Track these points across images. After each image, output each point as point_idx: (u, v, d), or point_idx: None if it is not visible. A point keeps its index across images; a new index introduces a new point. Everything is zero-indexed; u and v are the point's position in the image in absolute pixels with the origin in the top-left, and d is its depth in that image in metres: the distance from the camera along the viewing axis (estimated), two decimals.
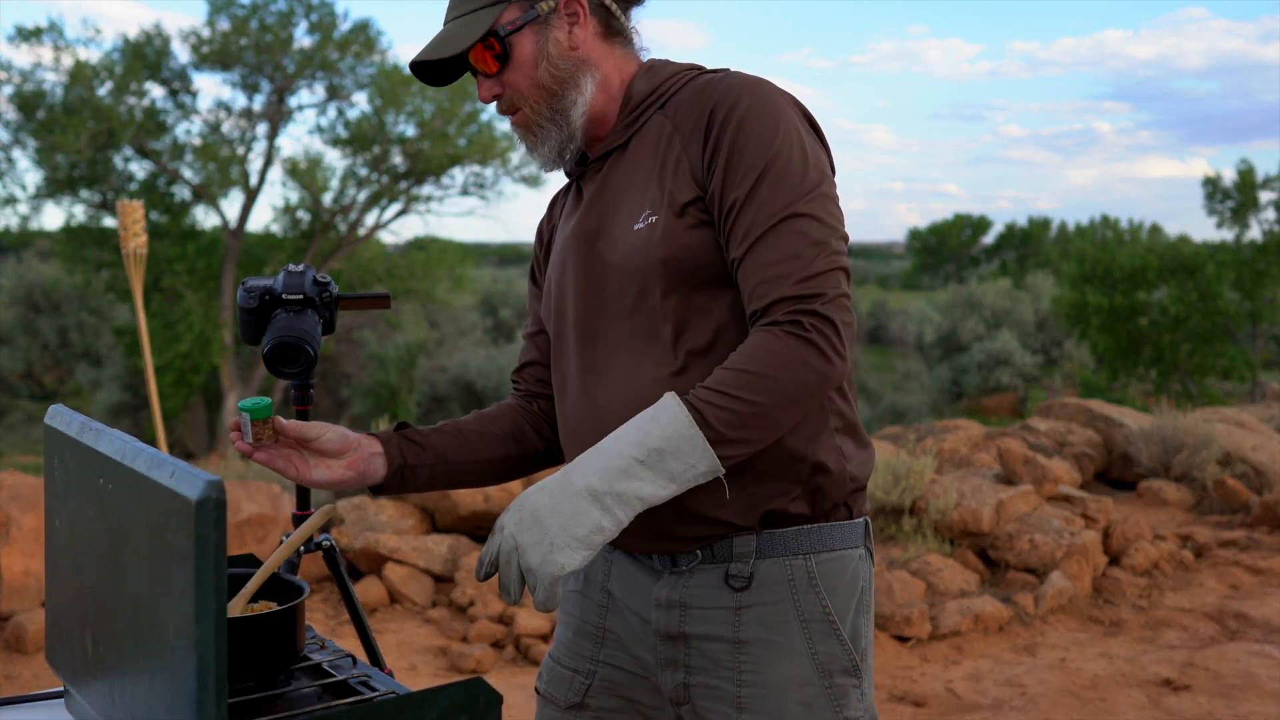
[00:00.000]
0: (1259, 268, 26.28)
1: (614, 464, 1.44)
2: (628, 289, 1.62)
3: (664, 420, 1.45)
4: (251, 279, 2.32)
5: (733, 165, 1.55)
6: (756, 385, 1.45)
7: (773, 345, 1.47)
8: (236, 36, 22.89)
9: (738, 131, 1.55)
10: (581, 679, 1.75)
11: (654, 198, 1.61)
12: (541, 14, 1.64)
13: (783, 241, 1.50)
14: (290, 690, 1.47)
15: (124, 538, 1.26)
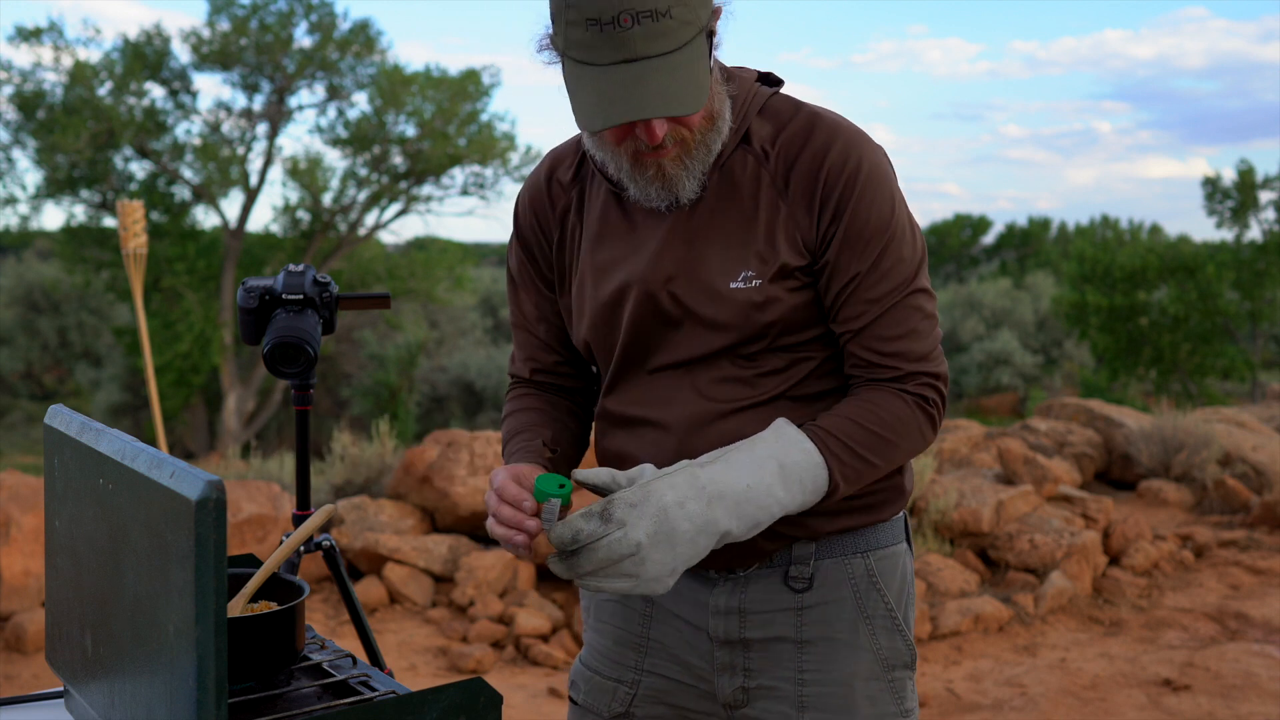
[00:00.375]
0: (1259, 268, 26.27)
1: (758, 519, 1.44)
2: (714, 340, 1.57)
3: (810, 489, 1.47)
4: (251, 279, 2.32)
5: (852, 239, 1.52)
6: (884, 450, 1.53)
7: (903, 414, 1.54)
8: (236, 36, 22.88)
9: (858, 204, 1.51)
10: (625, 688, 1.72)
11: (755, 258, 1.54)
12: (714, 33, 1.50)
13: (905, 316, 1.55)
14: (290, 690, 1.47)
15: (124, 538, 1.26)
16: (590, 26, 1.41)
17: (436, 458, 5.67)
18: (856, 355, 1.56)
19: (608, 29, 1.40)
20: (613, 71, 1.41)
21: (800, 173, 1.53)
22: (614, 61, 1.41)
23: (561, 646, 4.88)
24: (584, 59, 1.43)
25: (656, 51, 1.41)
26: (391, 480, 5.84)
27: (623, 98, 1.41)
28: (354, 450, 6.33)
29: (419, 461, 5.68)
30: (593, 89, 1.43)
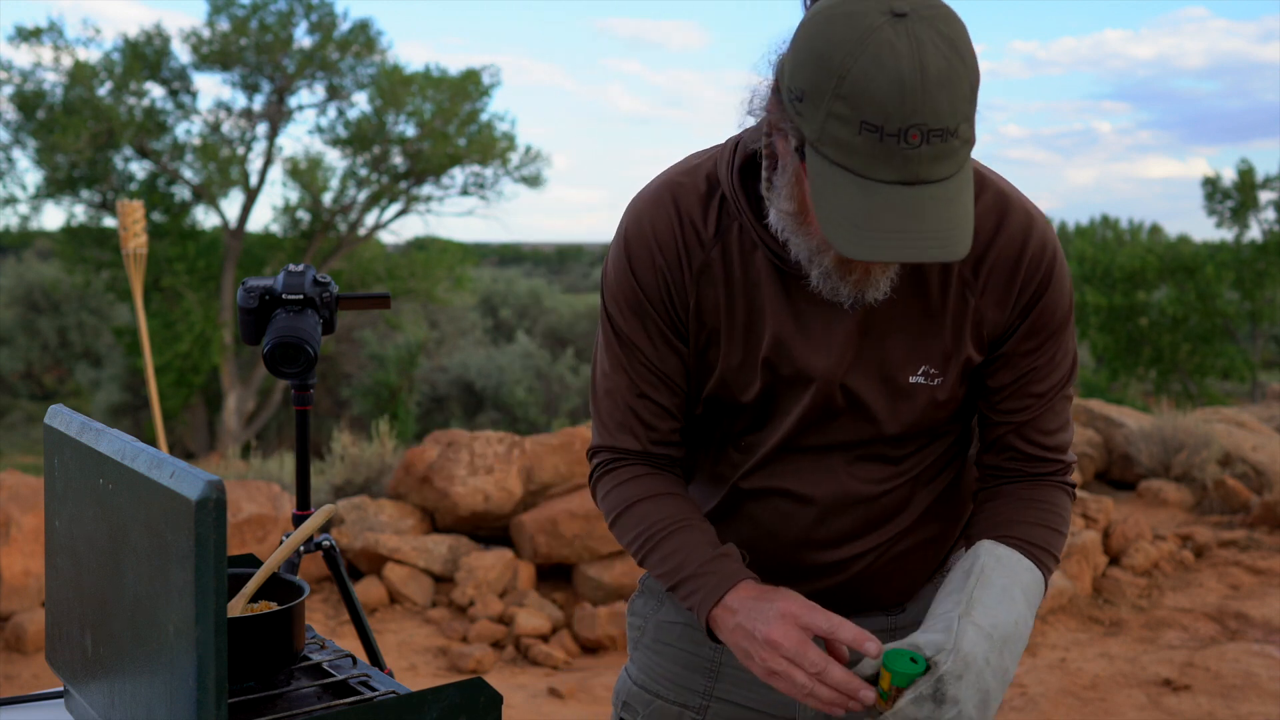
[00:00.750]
0: (1259, 268, 26.28)
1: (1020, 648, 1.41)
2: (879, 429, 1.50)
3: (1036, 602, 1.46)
4: (251, 279, 2.32)
5: (1036, 332, 1.47)
6: (1060, 544, 1.53)
7: (1068, 506, 1.54)
8: (236, 36, 22.88)
9: (1049, 297, 1.45)
10: (691, 714, 1.65)
11: (939, 354, 1.46)
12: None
13: (1063, 408, 1.53)
14: (290, 690, 1.47)
15: (124, 538, 1.26)
16: (867, 131, 1.19)
17: (436, 458, 5.67)
18: (1015, 448, 1.52)
19: (889, 141, 1.18)
20: (884, 192, 1.20)
21: (994, 265, 1.43)
22: (888, 180, 1.20)
23: (561, 646, 4.88)
24: (848, 166, 1.21)
25: (938, 176, 1.21)
26: (391, 480, 5.84)
27: (896, 229, 1.20)
28: (354, 450, 6.33)
29: (419, 461, 5.68)
30: (856, 207, 1.21)
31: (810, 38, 1.23)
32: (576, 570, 5.40)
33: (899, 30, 1.19)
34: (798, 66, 1.24)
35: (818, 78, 1.21)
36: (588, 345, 25.82)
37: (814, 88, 1.21)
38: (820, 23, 1.23)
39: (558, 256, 60.03)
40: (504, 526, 5.66)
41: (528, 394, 21.99)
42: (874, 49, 1.18)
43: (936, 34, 1.20)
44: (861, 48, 1.19)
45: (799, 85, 1.24)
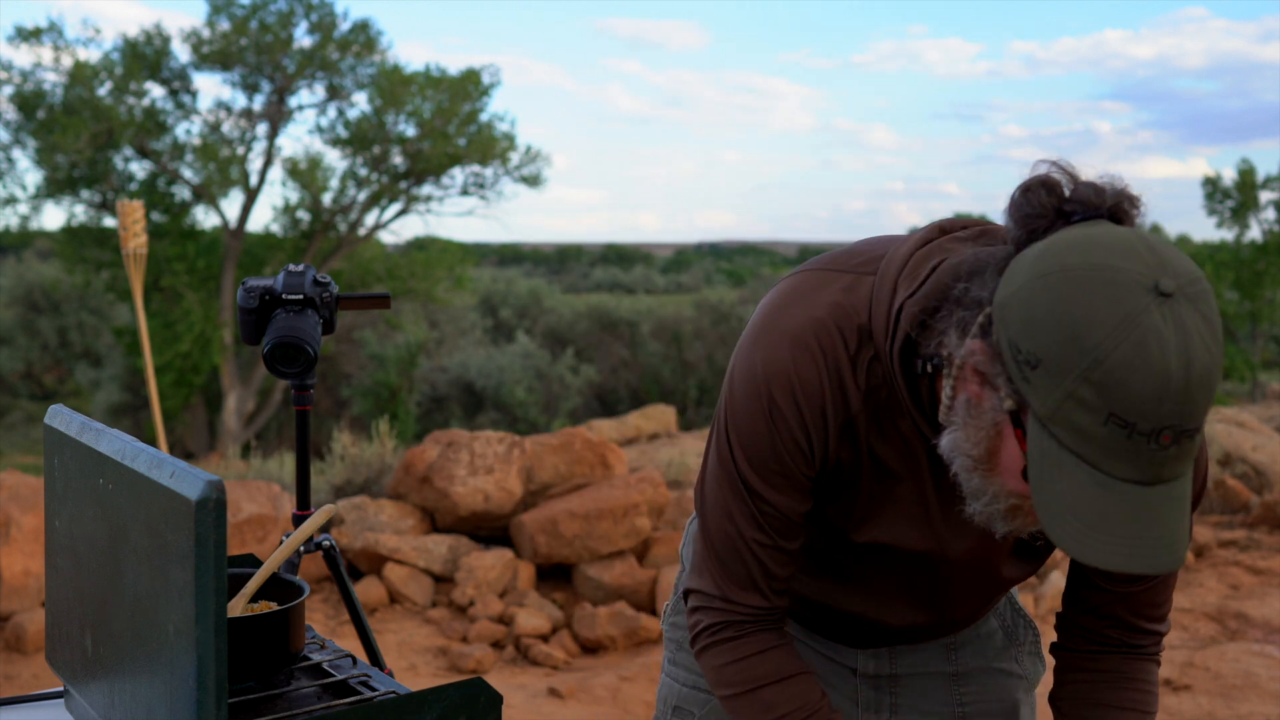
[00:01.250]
0: (1258, 268, 26.29)
1: None
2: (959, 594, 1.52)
3: None
4: (251, 279, 2.32)
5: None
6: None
7: (1157, 679, 1.51)
8: (236, 36, 22.87)
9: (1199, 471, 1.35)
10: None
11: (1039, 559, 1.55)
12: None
13: (1168, 581, 1.47)
14: (290, 690, 1.47)
15: (124, 538, 1.26)
16: (1114, 425, 1.06)
17: (436, 458, 5.67)
18: (1118, 618, 1.48)
19: (1138, 439, 1.07)
20: (1120, 490, 1.09)
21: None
22: (1126, 478, 1.09)
23: (561, 646, 4.88)
24: (1081, 453, 1.09)
25: (1176, 475, 1.11)
26: (391, 480, 5.84)
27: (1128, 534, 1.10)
28: (354, 450, 6.33)
29: (419, 461, 5.68)
30: (1087, 502, 1.10)
31: (1057, 302, 1.08)
32: (576, 570, 5.40)
33: (1166, 315, 1.05)
34: (1033, 328, 1.09)
35: (1064, 353, 1.07)
36: (587, 345, 25.84)
37: (1056, 362, 1.07)
38: (1071, 287, 1.08)
39: (558, 256, 60.03)
40: (504, 526, 5.66)
41: (528, 394, 21.99)
42: (1139, 337, 1.05)
43: (1201, 319, 1.07)
44: (1124, 333, 1.05)
45: (1033, 351, 1.09)
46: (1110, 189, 1.15)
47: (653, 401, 18.27)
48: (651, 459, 7.58)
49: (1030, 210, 1.16)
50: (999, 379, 1.14)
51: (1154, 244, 1.10)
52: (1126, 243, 1.10)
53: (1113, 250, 1.09)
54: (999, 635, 1.63)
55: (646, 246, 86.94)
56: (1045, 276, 1.10)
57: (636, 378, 26.41)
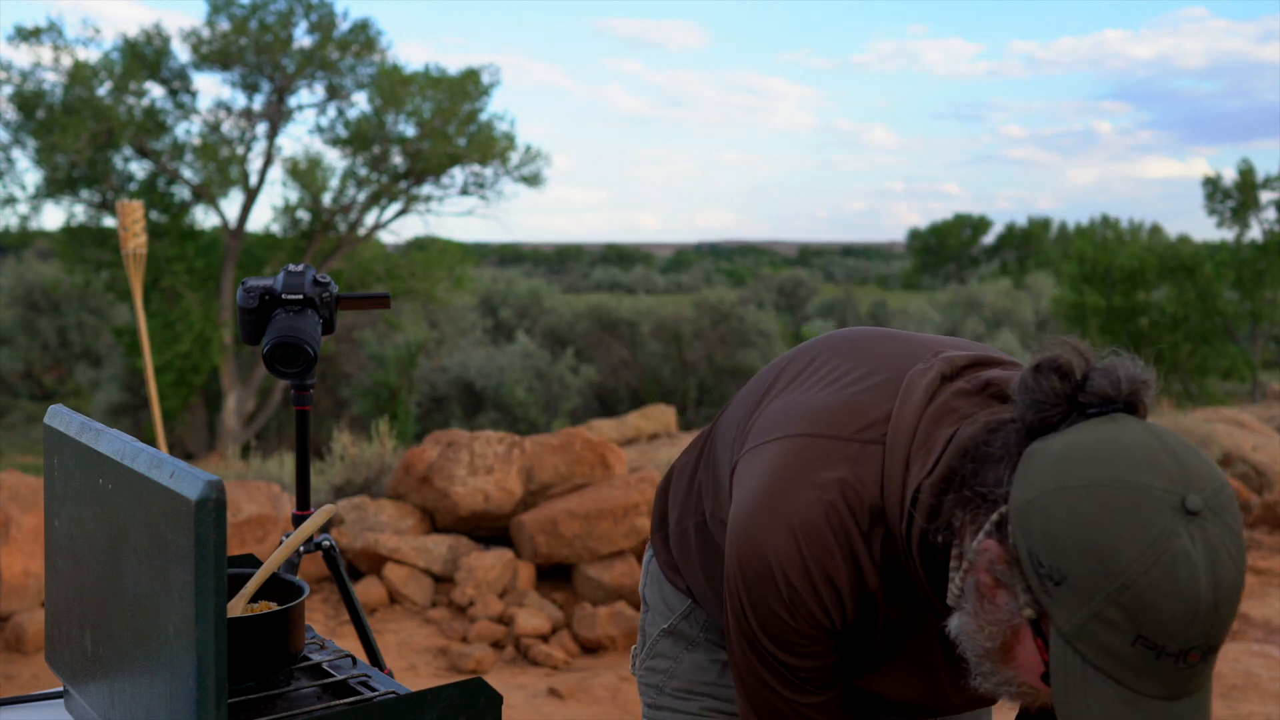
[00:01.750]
0: (1259, 267, 26.30)
1: None
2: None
3: None
4: (251, 279, 2.32)
5: None
6: None
7: None
8: (236, 36, 22.88)
9: None
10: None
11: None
12: None
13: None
14: (290, 690, 1.47)
15: (124, 538, 1.25)
16: (1142, 646, 1.06)
17: (436, 458, 5.67)
18: None
19: (1167, 660, 1.07)
20: (1149, 707, 1.09)
21: None
22: (1157, 696, 1.09)
23: (561, 647, 4.88)
24: (1108, 671, 1.09)
25: (1199, 688, 1.11)
26: (391, 480, 5.84)
27: None
28: (354, 450, 6.33)
29: (419, 461, 5.67)
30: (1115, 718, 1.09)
31: (1081, 521, 1.07)
32: (576, 570, 5.40)
33: (1195, 536, 1.05)
34: (1056, 545, 1.08)
35: (1091, 574, 1.06)
36: (588, 345, 25.85)
37: (1082, 582, 1.07)
38: (1096, 506, 1.07)
39: (558, 256, 60.03)
40: (504, 526, 5.66)
41: (527, 394, 22.00)
42: (1168, 561, 1.04)
43: (1227, 532, 1.07)
44: (1153, 557, 1.05)
45: (1057, 567, 1.08)
46: (1125, 378, 1.14)
47: (653, 401, 18.28)
48: (651, 459, 7.58)
49: (1042, 397, 1.15)
50: (1017, 584, 1.13)
51: (1176, 450, 1.09)
52: (1150, 453, 1.08)
53: (1136, 464, 1.07)
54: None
55: (646, 246, 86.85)
56: (1067, 491, 1.08)
57: (636, 378, 26.43)
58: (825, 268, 72.65)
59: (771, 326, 29.12)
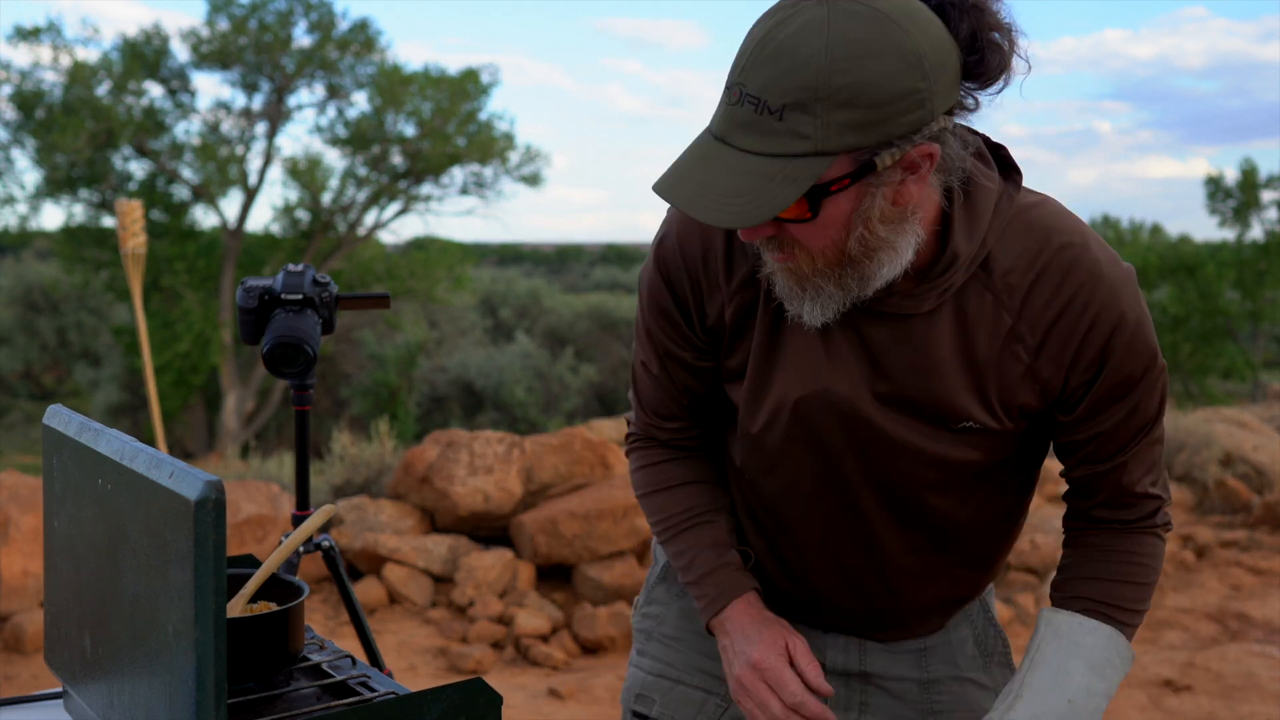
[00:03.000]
0: (1260, 267, 26.30)
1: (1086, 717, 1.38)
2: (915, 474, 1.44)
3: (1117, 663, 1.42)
4: (251, 279, 2.32)
5: (1107, 396, 1.38)
6: (1150, 591, 1.49)
7: (1157, 552, 1.49)
8: (236, 36, 22.88)
9: (1118, 362, 1.36)
10: (718, 700, 1.59)
11: (984, 407, 1.38)
12: (879, 169, 1.21)
13: (1150, 453, 1.45)
14: (289, 691, 1.46)
15: (123, 538, 1.25)
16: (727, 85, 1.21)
17: (436, 458, 5.67)
18: (1099, 495, 1.48)
19: (725, 93, 1.21)
20: (702, 138, 1.23)
21: (1052, 329, 1.34)
22: (710, 131, 1.22)
23: (561, 647, 4.88)
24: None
25: (740, 145, 1.19)
26: (391, 480, 5.84)
27: (683, 172, 1.22)
28: (354, 450, 6.32)
29: (419, 461, 5.67)
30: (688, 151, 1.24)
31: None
32: (576, 570, 5.40)
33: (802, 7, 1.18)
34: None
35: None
36: (587, 345, 25.83)
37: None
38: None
39: (557, 256, 60.02)
40: (504, 526, 5.65)
41: (527, 394, 21.99)
42: (765, 14, 1.21)
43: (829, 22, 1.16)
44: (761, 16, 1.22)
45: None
46: None
47: None
48: None
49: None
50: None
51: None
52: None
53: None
54: (970, 644, 1.61)
55: (646, 246, 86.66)
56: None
57: None
58: None
59: None
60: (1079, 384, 1.37)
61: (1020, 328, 1.35)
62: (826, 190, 1.20)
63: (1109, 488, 1.46)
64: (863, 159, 1.20)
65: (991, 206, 1.33)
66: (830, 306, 1.31)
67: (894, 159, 1.21)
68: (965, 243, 1.32)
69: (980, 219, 1.33)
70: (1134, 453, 1.44)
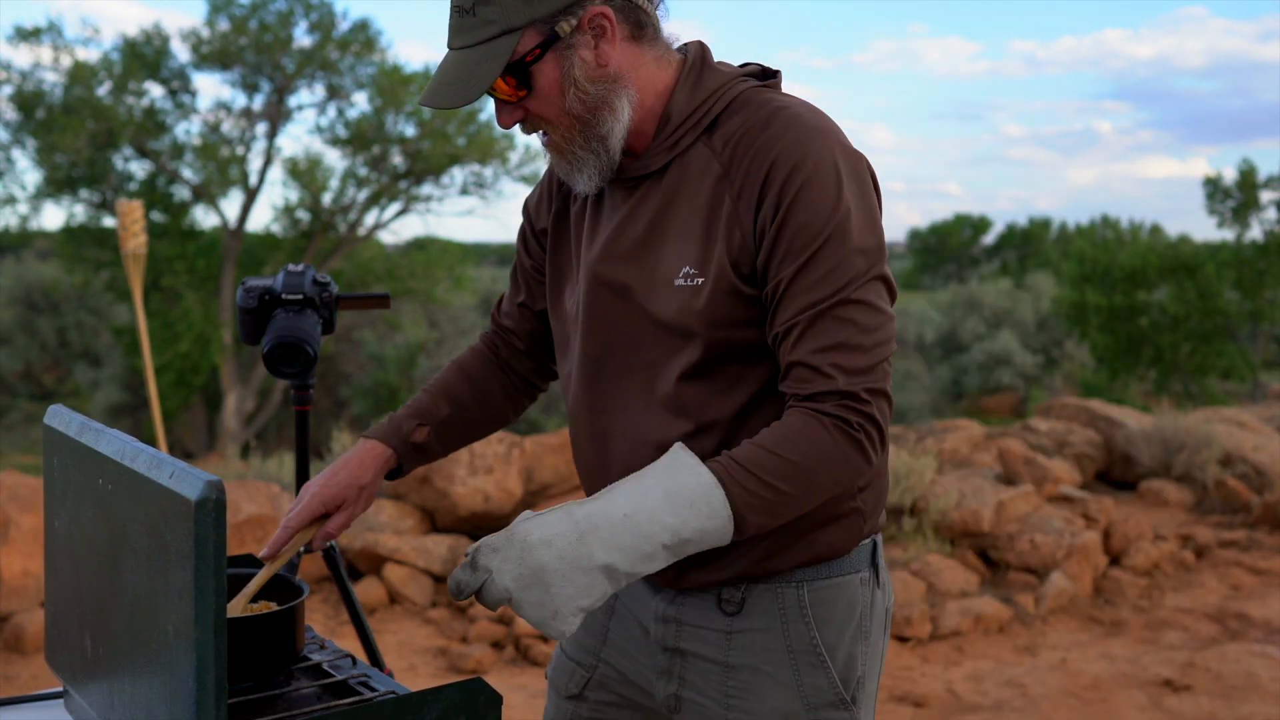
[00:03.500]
0: (1259, 267, 26.29)
1: (642, 548, 1.36)
2: (657, 342, 1.53)
3: (704, 512, 1.38)
4: (251, 279, 2.32)
5: (784, 239, 1.44)
6: (796, 478, 1.41)
7: (818, 438, 1.42)
8: (236, 36, 22.87)
9: (795, 203, 1.43)
10: (583, 671, 1.75)
11: (699, 255, 1.49)
12: (563, 35, 1.45)
13: (833, 328, 1.43)
14: (290, 690, 1.47)
15: (123, 538, 1.25)
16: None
17: None
18: (782, 367, 1.47)
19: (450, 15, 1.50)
20: (443, 54, 1.51)
21: (747, 168, 1.47)
22: (448, 44, 1.51)
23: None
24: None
25: (456, 45, 1.48)
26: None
27: (433, 80, 1.49)
28: None
29: None
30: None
31: None
32: None
33: None
34: None
35: None
36: None
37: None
38: None
39: None
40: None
41: None
42: None
43: None
44: None
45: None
46: None
47: None
48: None
49: None
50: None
51: None
52: None
53: None
54: (777, 635, 1.58)
55: None
56: None
57: None
58: None
59: None
60: (764, 229, 1.45)
61: (728, 175, 1.49)
62: (525, 64, 1.46)
63: (783, 354, 1.46)
64: (546, 31, 1.45)
65: (718, 84, 1.53)
66: (591, 172, 1.53)
67: (571, 25, 1.45)
68: (682, 106, 1.52)
69: (702, 90, 1.52)
70: (810, 322, 1.43)
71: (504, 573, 1.35)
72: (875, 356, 1.44)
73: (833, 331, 1.43)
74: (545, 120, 1.50)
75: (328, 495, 1.63)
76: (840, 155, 1.47)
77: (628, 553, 1.36)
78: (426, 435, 1.73)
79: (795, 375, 1.45)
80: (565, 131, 1.51)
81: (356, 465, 1.66)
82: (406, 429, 1.72)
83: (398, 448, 1.71)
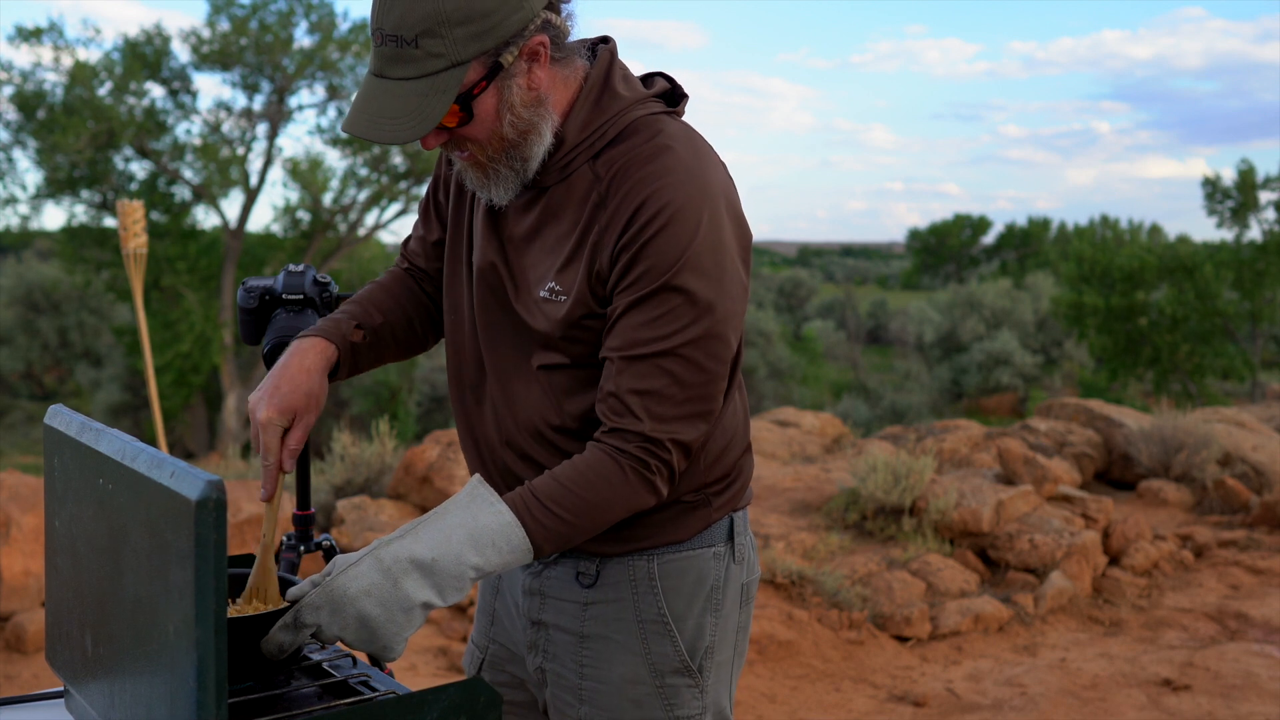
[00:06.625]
0: (1258, 268, 26.29)
1: (452, 584, 1.43)
2: (526, 339, 1.62)
3: (505, 549, 1.46)
4: (251, 279, 2.32)
5: (630, 274, 1.50)
6: (588, 514, 1.51)
7: (614, 478, 1.51)
8: (236, 36, 22.88)
9: (648, 243, 1.48)
10: (478, 653, 1.84)
11: (566, 275, 1.55)
12: (505, 65, 1.49)
13: (651, 374, 1.50)
14: (290, 690, 1.47)
15: (124, 538, 1.26)
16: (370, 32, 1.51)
17: (436, 458, 5.67)
18: (601, 391, 1.54)
19: (372, 42, 1.49)
20: (366, 80, 1.51)
21: (620, 200, 1.51)
22: (371, 72, 1.50)
23: None
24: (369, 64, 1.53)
25: (393, 75, 1.47)
26: (391, 480, 5.84)
27: (358, 109, 1.49)
28: (354, 450, 6.33)
29: (419, 461, 5.68)
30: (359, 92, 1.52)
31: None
32: None
33: None
34: None
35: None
36: None
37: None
38: None
39: None
40: None
41: None
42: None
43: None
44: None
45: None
46: None
47: None
48: None
49: None
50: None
51: None
52: None
53: None
54: (628, 605, 1.65)
55: None
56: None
57: None
58: (825, 268, 72.68)
59: (771, 326, 29.13)
60: (616, 260, 1.51)
61: (604, 204, 1.53)
62: (470, 94, 1.48)
63: (603, 378, 1.53)
64: (490, 62, 1.47)
65: (615, 110, 1.56)
66: (509, 186, 1.57)
67: (513, 55, 1.48)
68: (575, 131, 1.56)
69: (599, 115, 1.56)
70: (631, 361, 1.50)
71: (332, 626, 1.40)
72: (686, 410, 1.52)
73: (649, 377, 1.50)
74: (474, 142, 1.53)
75: (284, 408, 1.59)
76: (708, 211, 1.51)
77: (440, 589, 1.44)
78: (363, 338, 1.74)
79: (609, 404, 1.52)
80: (492, 152, 1.54)
81: (300, 373, 1.63)
82: (346, 328, 1.72)
83: (340, 345, 1.70)
